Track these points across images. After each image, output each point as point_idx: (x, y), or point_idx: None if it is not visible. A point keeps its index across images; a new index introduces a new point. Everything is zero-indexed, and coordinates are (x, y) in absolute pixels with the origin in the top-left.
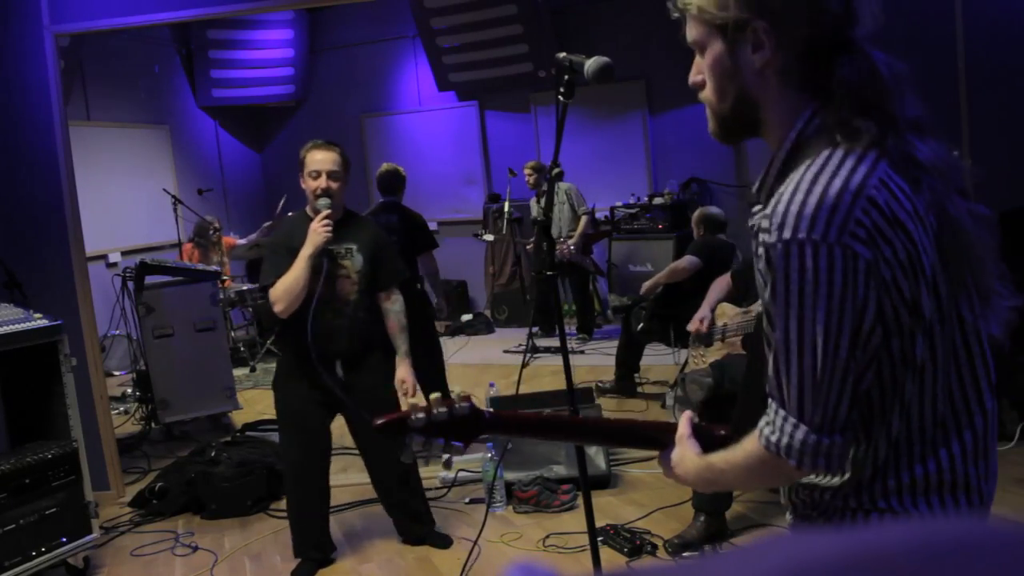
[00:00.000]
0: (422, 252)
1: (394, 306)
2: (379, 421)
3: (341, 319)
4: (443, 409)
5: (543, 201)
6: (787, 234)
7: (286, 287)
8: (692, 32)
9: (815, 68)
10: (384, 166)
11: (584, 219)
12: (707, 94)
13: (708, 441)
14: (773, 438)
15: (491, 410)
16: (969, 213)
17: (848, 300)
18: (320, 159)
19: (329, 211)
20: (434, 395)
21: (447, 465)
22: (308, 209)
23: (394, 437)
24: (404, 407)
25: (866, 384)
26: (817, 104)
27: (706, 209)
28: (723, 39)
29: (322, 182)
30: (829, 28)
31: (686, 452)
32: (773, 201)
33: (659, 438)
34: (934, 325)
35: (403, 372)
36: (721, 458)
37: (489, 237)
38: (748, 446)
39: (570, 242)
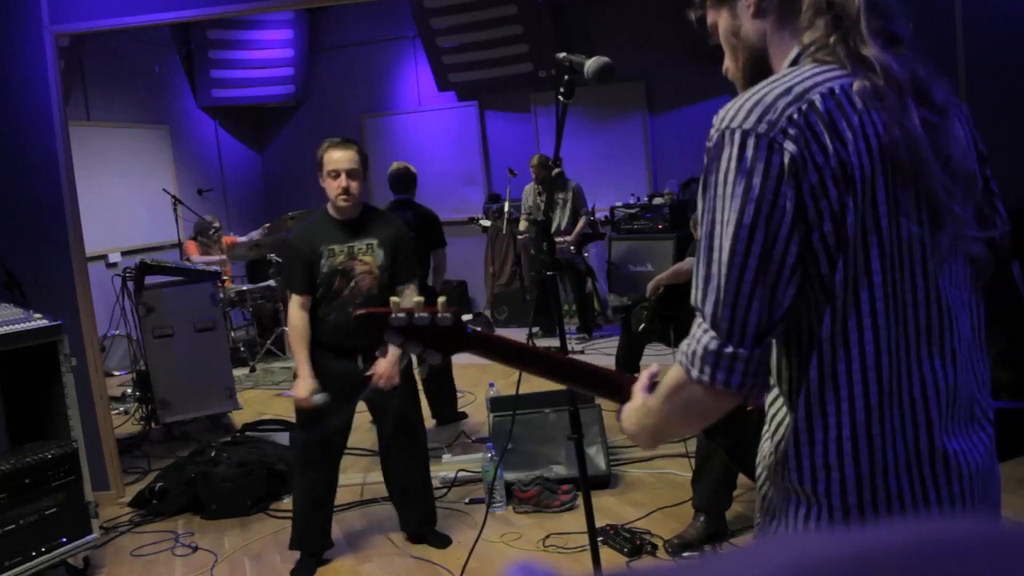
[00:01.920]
0: (435, 249)
1: (410, 300)
2: (361, 311)
3: None
4: (424, 315)
5: (543, 198)
6: (724, 124)
7: (290, 334)
8: (709, 20)
9: None
10: (395, 165)
11: (583, 219)
12: (731, 69)
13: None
14: (686, 347)
15: (476, 328)
16: (927, 124)
17: (767, 195)
18: (338, 158)
19: (307, 401)
20: (418, 298)
21: (422, 374)
22: (329, 207)
23: (372, 330)
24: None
25: (787, 301)
26: (804, 38)
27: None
28: (725, 5)
29: (343, 181)
30: None
31: (635, 401)
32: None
33: (623, 390)
34: (859, 250)
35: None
36: (654, 394)
37: (485, 222)
38: (671, 371)
39: (568, 239)
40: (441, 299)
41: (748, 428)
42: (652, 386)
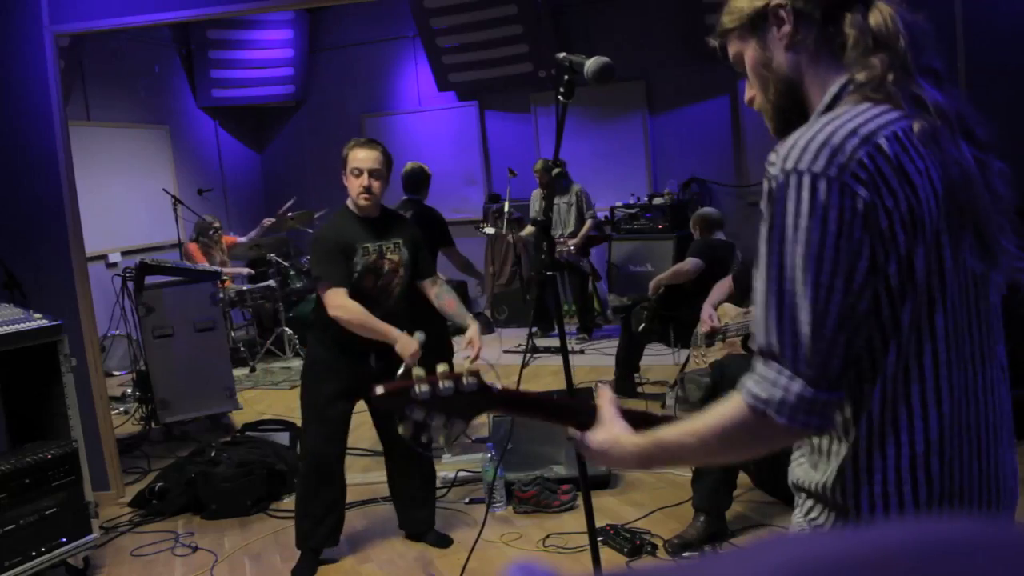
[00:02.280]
0: (440, 248)
1: (443, 287)
2: (380, 390)
3: (381, 312)
4: (449, 383)
5: (544, 201)
6: (788, 165)
7: (355, 321)
8: (733, 50)
9: (836, 28)
10: (409, 165)
11: (589, 221)
12: (758, 99)
13: (632, 421)
14: (764, 394)
15: (498, 387)
16: (976, 161)
17: (843, 240)
18: (363, 157)
19: (418, 351)
20: (441, 367)
21: (448, 444)
22: (349, 203)
23: (393, 407)
24: (465, 364)
25: (858, 346)
26: (851, 74)
27: (701, 210)
28: (753, 36)
29: (364, 180)
30: None
31: (617, 432)
32: (785, 141)
33: (581, 417)
34: (924, 292)
35: (471, 332)
36: (680, 431)
37: (490, 230)
38: (724, 410)
39: (571, 242)
40: (467, 365)
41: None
42: (625, 413)
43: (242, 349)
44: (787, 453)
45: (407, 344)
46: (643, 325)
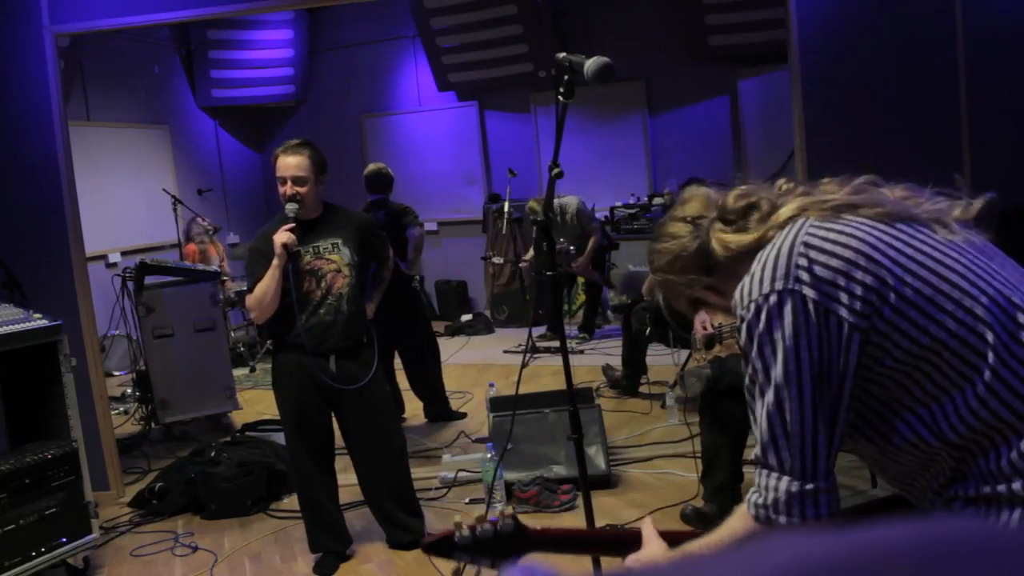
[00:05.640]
0: (409, 229)
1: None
2: (426, 541)
3: (332, 314)
4: (487, 527)
5: (562, 200)
6: (746, 301)
7: (256, 297)
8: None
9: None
10: (370, 167)
11: (593, 239)
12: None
13: (675, 541)
14: (760, 500)
15: (537, 527)
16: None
17: (802, 339)
18: (285, 165)
19: (292, 225)
20: (478, 515)
21: None
22: (287, 210)
23: (442, 554)
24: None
25: (847, 420)
26: None
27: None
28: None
29: (288, 188)
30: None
31: (656, 550)
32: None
33: (626, 546)
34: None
35: None
36: (702, 544)
37: (498, 260)
38: (734, 524)
39: (575, 264)
40: (501, 508)
41: None
42: (663, 534)
43: (242, 349)
44: None
45: (275, 238)
46: (648, 329)
